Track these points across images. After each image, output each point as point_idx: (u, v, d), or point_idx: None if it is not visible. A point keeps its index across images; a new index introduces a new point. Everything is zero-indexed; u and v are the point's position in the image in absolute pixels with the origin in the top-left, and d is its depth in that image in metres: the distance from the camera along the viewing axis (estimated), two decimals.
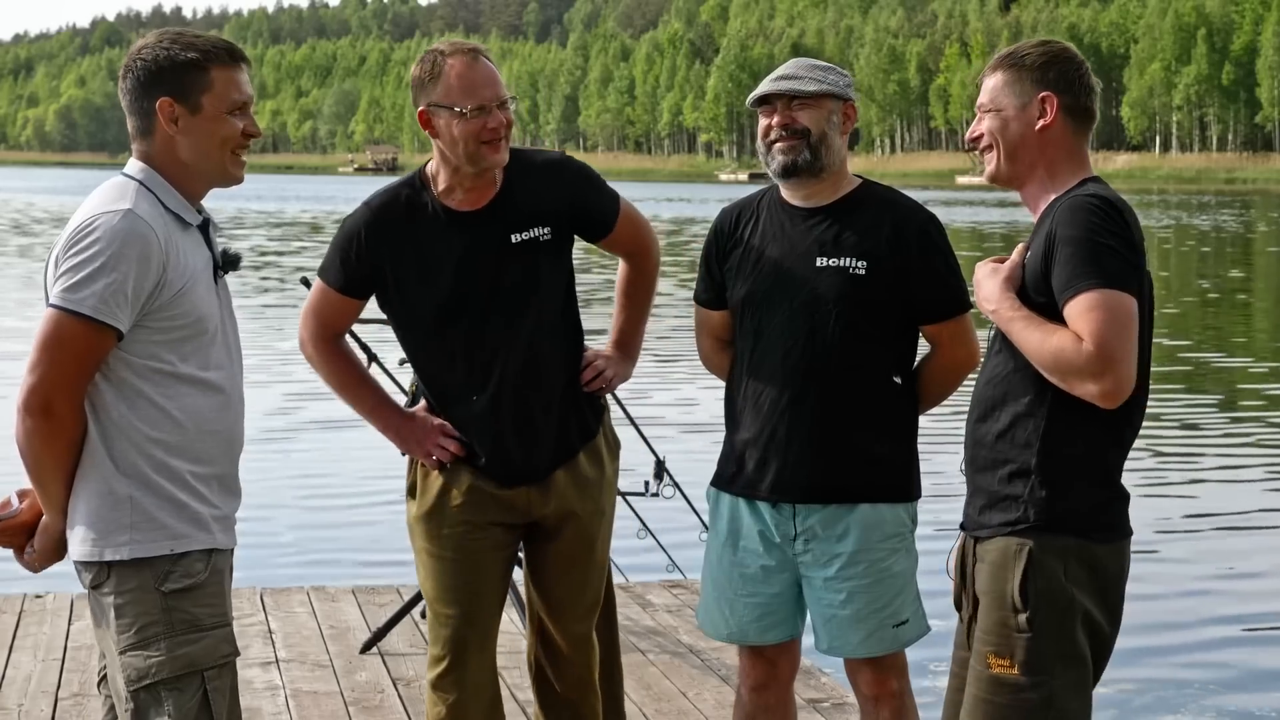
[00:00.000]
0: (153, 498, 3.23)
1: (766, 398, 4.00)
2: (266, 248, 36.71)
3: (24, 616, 6.59)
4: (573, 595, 4.19)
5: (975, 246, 38.19)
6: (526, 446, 4.05)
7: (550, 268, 4.05)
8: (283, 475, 11.04)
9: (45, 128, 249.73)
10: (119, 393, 3.23)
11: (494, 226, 3.99)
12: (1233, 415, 14.98)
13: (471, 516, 4.08)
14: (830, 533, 4.00)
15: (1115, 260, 3.23)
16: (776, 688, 4.21)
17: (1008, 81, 3.47)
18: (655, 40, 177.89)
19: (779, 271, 4.00)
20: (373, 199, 4.07)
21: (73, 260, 3.16)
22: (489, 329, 3.99)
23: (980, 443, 3.44)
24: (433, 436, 4.08)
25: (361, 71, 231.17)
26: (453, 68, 3.90)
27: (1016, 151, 3.46)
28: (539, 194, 4.03)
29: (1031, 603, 3.31)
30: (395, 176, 4.52)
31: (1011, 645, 3.33)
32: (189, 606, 3.23)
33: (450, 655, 4.09)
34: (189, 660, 3.21)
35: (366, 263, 4.03)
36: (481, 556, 4.09)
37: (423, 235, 4.00)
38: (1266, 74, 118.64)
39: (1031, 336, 3.28)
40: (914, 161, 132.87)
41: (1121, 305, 3.22)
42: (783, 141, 3.97)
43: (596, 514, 4.17)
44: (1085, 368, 3.20)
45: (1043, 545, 3.32)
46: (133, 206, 3.20)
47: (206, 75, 3.27)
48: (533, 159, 4.07)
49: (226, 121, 3.29)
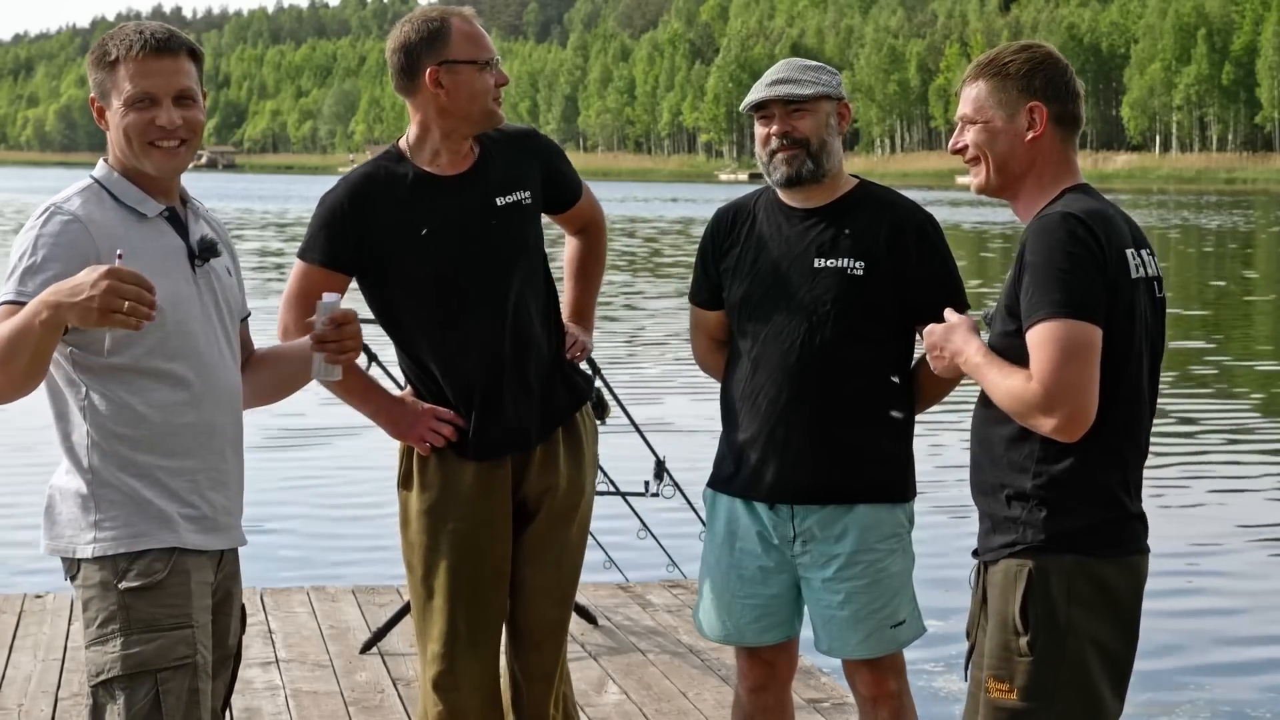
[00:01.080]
0: (115, 494, 3.22)
1: (764, 398, 4.01)
2: (271, 248, 36.69)
3: (24, 616, 6.60)
4: (546, 575, 4.12)
5: (975, 247, 38.22)
6: (520, 411, 4.04)
7: (532, 231, 4.09)
8: (283, 475, 11.05)
9: (45, 128, 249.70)
10: (82, 389, 3.22)
11: (478, 189, 4.02)
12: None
13: (476, 511, 4.05)
14: (828, 533, 4.01)
15: (1075, 285, 3.15)
16: (775, 688, 4.21)
17: (992, 91, 3.37)
18: (655, 40, 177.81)
19: (777, 272, 4.00)
20: (350, 174, 4.08)
21: (11, 263, 3.20)
22: (482, 291, 3.99)
23: (980, 467, 3.40)
24: (425, 420, 4.04)
25: (361, 71, 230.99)
26: (458, 26, 3.96)
27: (1006, 164, 3.37)
28: (517, 159, 4.09)
29: (1032, 625, 3.23)
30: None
31: (1012, 669, 3.25)
32: (146, 606, 3.20)
33: (453, 653, 4.05)
34: (140, 660, 3.19)
35: (352, 234, 3.98)
36: (487, 551, 4.06)
37: (407, 202, 3.98)
38: (1266, 74, 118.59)
39: (991, 379, 3.26)
40: (914, 161, 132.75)
41: (1075, 335, 3.13)
42: (784, 151, 3.98)
43: (575, 491, 4.14)
44: (1035, 405, 3.15)
45: (1043, 565, 3.24)
46: (62, 203, 3.23)
47: (115, 72, 3.27)
48: (504, 129, 4.12)
49: (127, 115, 3.26)
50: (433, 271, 3.97)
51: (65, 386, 3.25)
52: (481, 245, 3.99)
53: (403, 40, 3.97)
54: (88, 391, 3.22)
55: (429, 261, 3.97)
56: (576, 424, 4.18)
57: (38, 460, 10.97)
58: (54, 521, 3.28)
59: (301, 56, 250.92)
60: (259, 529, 8.99)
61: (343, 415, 6.74)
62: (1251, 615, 8.50)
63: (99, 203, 3.26)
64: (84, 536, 3.23)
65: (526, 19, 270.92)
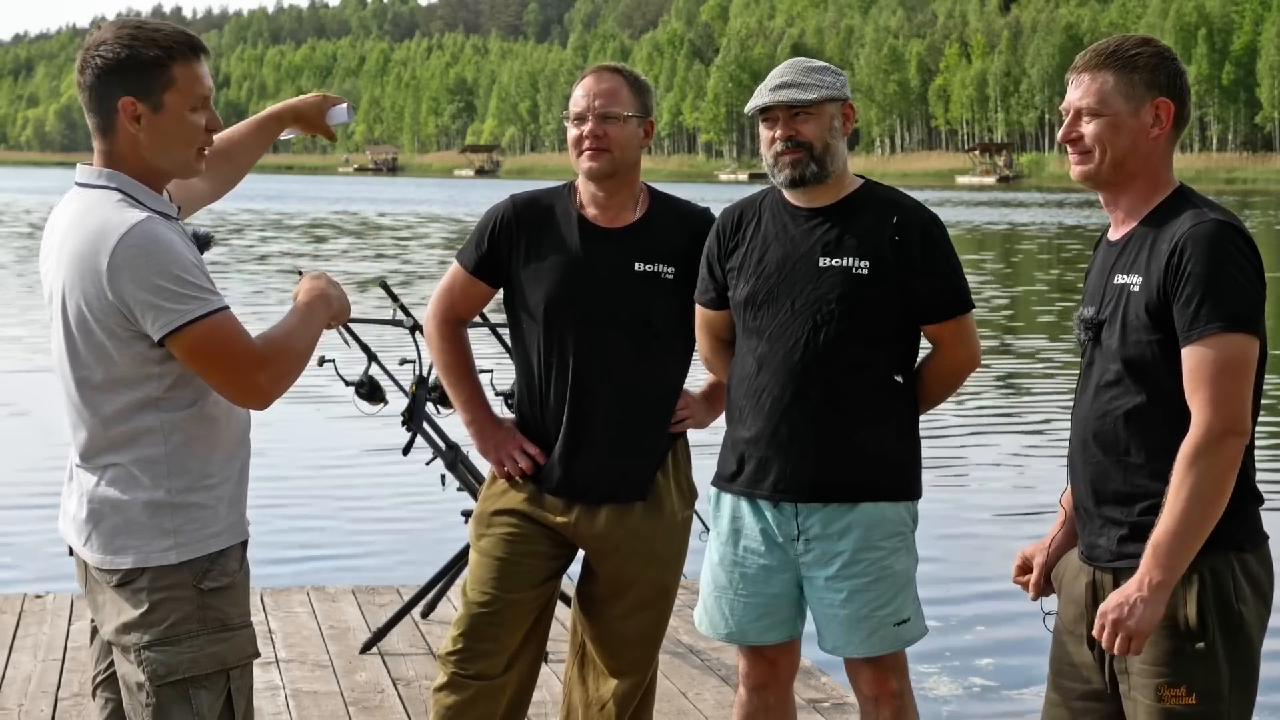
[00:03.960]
0: (192, 497, 3.19)
1: (769, 397, 4.01)
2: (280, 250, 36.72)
3: (24, 616, 6.59)
4: (612, 629, 4.27)
5: (976, 247, 38.24)
6: (588, 466, 4.14)
7: (665, 306, 4.17)
8: (283, 475, 11.04)
9: (45, 128, 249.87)
10: (159, 399, 3.18)
11: (622, 249, 4.14)
12: None
13: (521, 520, 4.18)
14: (831, 531, 4.00)
15: (1247, 298, 3.18)
16: (776, 688, 4.21)
17: (1119, 83, 3.31)
18: (655, 40, 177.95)
19: (782, 271, 4.00)
20: (518, 195, 4.27)
21: (153, 280, 3.08)
22: (589, 343, 4.11)
23: (1107, 476, 3.34)
24: (509, 446, 4.20)
25: (361, 71, 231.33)
26: (579, 80, 4.17)
27: (1125, 159, 3.32)
28: (676, 235, 4.19)
29: (1209, 627, 3.23)
30: (396, 177, 4.59)
31: (1189, 673, 3.23)
32: (222, 605, 3.21)
33: (465, 638, 4.16)
34: (219, 659, 3.20)
35: (500, 248, 4.18)
36: (521, 559, 4.17)
37: (553, 235, 4.15)
38: (1266, 74, 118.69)
39: (1194, 521, 3.16)
40: (914, 161, 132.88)
41: (1248, 351, 3.17)
42: (788, 155, 3.98)
43: (644, 556, 4.21)
44: (1215, 439, 3.15)
45: (1211, 567, 3.23)
46: (138, 214, 3.12)
47: (169, 72, 3.17)
48: (681, 204, 4.28)
49: (189, 119, 3.20)
50: (547, 306, 4.12)
51: (139, 401, 3.17)
52: (602, 301, 4.11)
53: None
54: (162, 401, 3.18)
55: (546, 294, 4.13)
56: (661, 487, 4.23)
57: (38, 459, 10.98)
58: (114, 535, 3.20)
59: (301, 56, 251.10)
60: (260, 529, 8.99)
61: (343, 415, 6.75)
62: None
63: (142, 210, 3.17)
64: (160, 544, 3.17)
65: (526, 19, 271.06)
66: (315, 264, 5.47)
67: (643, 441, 4.18)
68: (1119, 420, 3.31)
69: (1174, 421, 3.22)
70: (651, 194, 4.26)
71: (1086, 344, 3.40)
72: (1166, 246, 3.23)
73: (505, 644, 4.18)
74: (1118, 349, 3.29)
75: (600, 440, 4.14)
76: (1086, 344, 3.40)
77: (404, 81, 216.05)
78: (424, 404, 6.24)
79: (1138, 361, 3.26)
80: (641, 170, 4.28)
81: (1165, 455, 3.22)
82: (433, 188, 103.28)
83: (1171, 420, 3.23)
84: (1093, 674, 3.40)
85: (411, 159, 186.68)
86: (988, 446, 12.68)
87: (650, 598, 4.25)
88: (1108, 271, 3.37)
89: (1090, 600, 3.38)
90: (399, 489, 10.22)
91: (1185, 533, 3.15)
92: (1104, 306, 3.34)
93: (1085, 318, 3.40)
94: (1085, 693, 3.42)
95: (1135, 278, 3.27)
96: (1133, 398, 3.29)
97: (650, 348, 4.17)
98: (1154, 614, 3.17)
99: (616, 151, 4.10)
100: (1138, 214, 3.34)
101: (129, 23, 3.24)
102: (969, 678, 7.00)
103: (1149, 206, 3.33)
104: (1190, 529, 3.15)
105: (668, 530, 4.23)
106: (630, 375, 4.14)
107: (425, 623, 6.48)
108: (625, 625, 4.25)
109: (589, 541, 4.21)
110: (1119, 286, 3.31)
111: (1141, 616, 3.16)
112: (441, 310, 4.31)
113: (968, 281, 4.11)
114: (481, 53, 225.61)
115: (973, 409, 14.16)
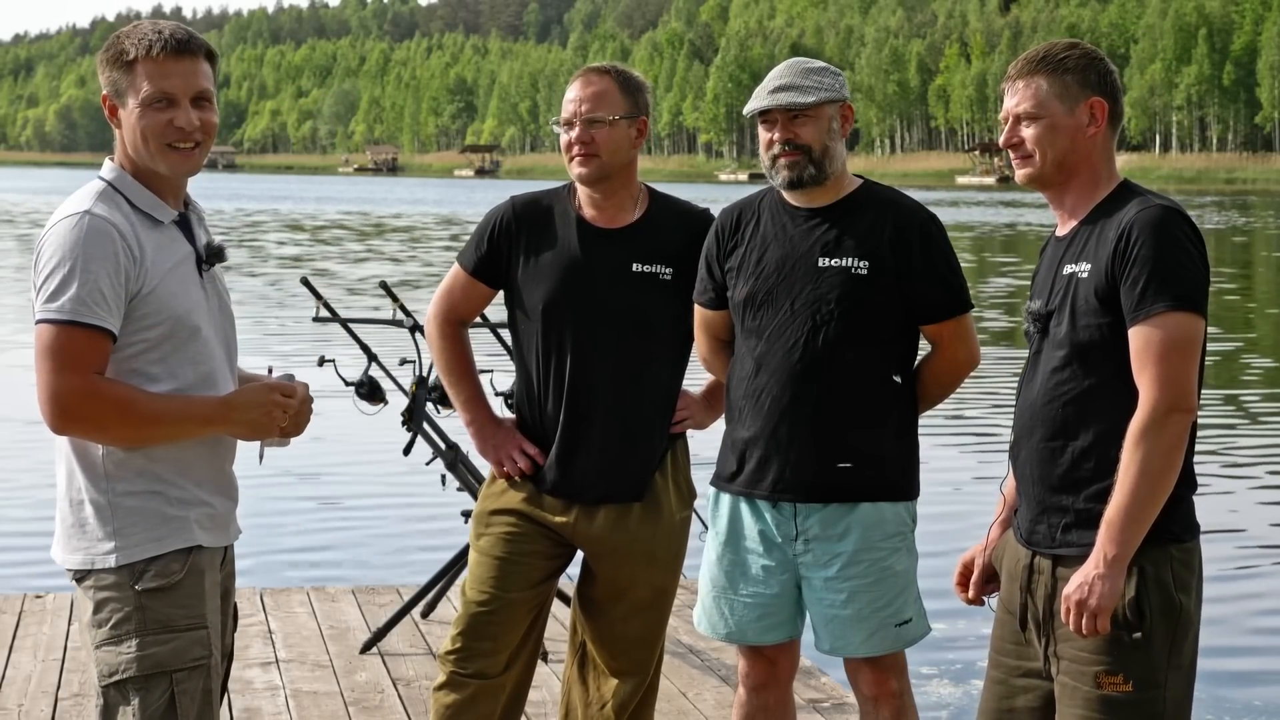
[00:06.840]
0: (133, 500, 3.20)
1: (767, 397, 4.01)
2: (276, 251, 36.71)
3: (24, 616, 6.60)
4: (612, 630, 4.28)
5: (976, 246, 38.23)
6: (585, 466, 4.15)
7: (663, 306, 4.17)
8: (282, 475, 11.03)
9: (45, 128, 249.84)
10: None
11: (620, 249, 4.14)
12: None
13: (521, 520, 4.19)
14: (831, 532, 4.01)
15: (1191, 279, 3.25)
16: (776, 688, 4.21)
17: (1052, 86, 3.41)
18: (655, 40, 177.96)
19: (781, 271, 4.01)
20: (518, 196, 4.29)
21: (44, 273, 3.14)
22: (587, 343, 4.11)
23: (1053, 461, 3.38)
24: (509, 446, 4.22)
25: (361, 72, 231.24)
26: (570, 83, 4.17)
27: (1065, 159, 3.42)
28: (675, 235, 4.19)
29: (1146, 616, 3.27)
30: (395, 177, 4.60)
31: (1126, 662, 3.28)
32: (163, 607, 3.20)
33: (464, 637, 4.17)
34: (157, 661, 3.19)
35: (499, 249, 4.21)
36: (521, 559, 4.18)
37: (553, 236, 4.16)
38: (1267, 74, 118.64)
39: (1141, 501, 3.22)
40: (914, 161, 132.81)
41: (1195, 330, 3.24)
42: (786, 157, 3.98)
43: (642, 557, 4.21)
44: (1162, 414, 3.20)
45: (1150, 558, 3.27)
46: (90, 209, 3.17)
47: (132, 70, 3.23)
48: (680, 204, 4.28)
49: (147, 115, 3.22)
50: (546, 306, 4.13)
51: None
52: (599, 300, 4.12)
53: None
54: None
55: (545, 294, 4.13)
56: (658, 488, 4.22)
57: (38, 461, 10.98)
58: (70, 535, 3.25)
59: (301, 57, 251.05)
60: (259, 529, 9.00)
61: (343, 416, 6.75)
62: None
63: (116, 207, 3.22)
64: (103, 547, 3.20)
65: (526, 19, 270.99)
66: (288, 368, 5.25)
67: (640, 442, 4.18)
68: (1067, 405, 3.37)
69: (1121, 405, 3.27)
70: (651, 194, 4.26)
71: (1034, 336, 3.46)
72: (1114, 232, 3.31)
73: (505, 643, 4.18)
74: (1066, 334, 3.36)
75: (598, 441, 4.14)
76: (1034, 336, 3.46)
77: (404, 81, 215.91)
78: (424, 404, 6.25)
79: (1086, 346, 3.34)
80: (641, 170, 4.29)
81: (1112, 439, 3.28)
82: (433, 188, 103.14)
83: (1119, 404, 3.28)
84: (1030, 653, 3.45)
85: (411, 159, 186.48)
86: (988, 446, 12.67)
87: (649, 599, 4.25)
88: (1056, 264, 3.44)
89: (1026, 582, 3.43)
90: (399, 489, 10.23)
91: (1136, 508, 3.21)
92: (1053, 297, 3.42)
93: (1033, 310, 3.48)
94: (1025, 670, 3.47)
95: (1084, 265, 3.35)
96: (1080, 382, 3.35)
97: (648, 348, 4.17)
98: (1113, 589, 3.22)
99: (605, 155, 4.10)
100: (1083, 209, 3.44)
101: (132, 23, 3.30)
102: (969, 679, 7.00)
103: (1094, 201, 3.42)
104: (1140, 505, 3.21)
105: (666, 531, 4.23)
106: (628, 375, 4.14)
107: (425, 623, 6.49)
108: (626, 627, 4.26)
109: (587, 542, 4.21)
110: (1067, 276, 3.39)
111: (1102, 593, 3.22)
112: (442, 311, 4.33)
113: (966, 281, 4.12)
114: (481, 53, 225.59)
115: (973, 408, 14.16)
